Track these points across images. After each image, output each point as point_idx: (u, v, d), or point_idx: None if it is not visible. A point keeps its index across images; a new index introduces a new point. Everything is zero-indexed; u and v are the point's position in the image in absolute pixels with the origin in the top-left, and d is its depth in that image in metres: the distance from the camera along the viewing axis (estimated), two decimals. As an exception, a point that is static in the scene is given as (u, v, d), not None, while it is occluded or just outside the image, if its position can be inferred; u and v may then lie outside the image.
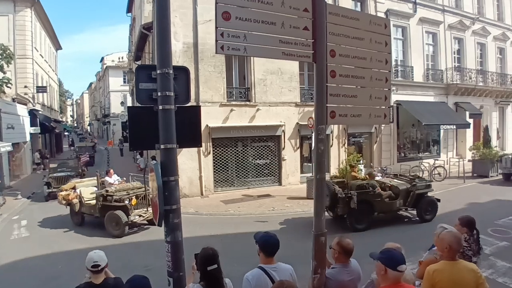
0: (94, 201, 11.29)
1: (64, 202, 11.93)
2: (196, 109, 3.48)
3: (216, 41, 2.95)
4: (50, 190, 15.89)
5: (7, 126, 19.24)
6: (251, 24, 3.10)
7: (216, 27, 2.95)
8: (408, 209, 11.30)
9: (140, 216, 10.70)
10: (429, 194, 11.43)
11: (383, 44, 4.02)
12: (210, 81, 15.75)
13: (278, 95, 17.15)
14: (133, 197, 10.76)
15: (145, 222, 10.95)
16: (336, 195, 10.25)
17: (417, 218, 11.14)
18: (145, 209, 10.86)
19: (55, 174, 16.88)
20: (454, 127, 20.98)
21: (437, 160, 20.28)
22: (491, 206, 12.65)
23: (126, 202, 10.51)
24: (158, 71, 2.93)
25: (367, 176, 12.10)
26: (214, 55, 15.56)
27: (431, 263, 3.86)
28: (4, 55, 19.62)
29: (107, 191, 11.15)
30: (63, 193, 12.22)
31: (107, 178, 13.08)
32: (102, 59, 60.70)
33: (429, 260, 4.13)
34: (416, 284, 4.10)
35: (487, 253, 7.87)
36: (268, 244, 3.38)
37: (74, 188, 12.44)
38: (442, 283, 3.25)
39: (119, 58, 53.23)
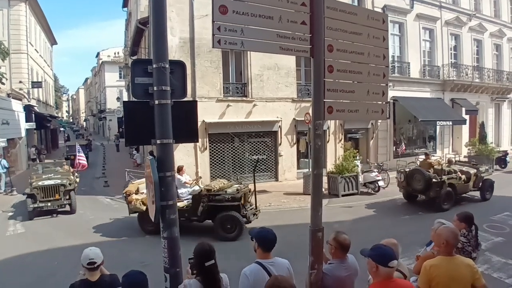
0: (183, 203, 10.00)
1: (144, 207, 9.77)
2: (193, 104, 3.45)
3: (213, 35, 2.92)
4: (36, 205, 12.07)
5: (2, 121, 19.13)
6: (248, 18, 3.07)
7: (213, 21, 2.92)
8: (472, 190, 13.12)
9: (254, 214, 10.10)
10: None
11: (381, 39, 4.01)
12: (207, 76, 15.70)
13: (274, 90, 17.13)
14: (242, 195, 9.85)
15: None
16: (431, 180, 11.80)
17: (477, 197, 13.24)
18: (253, 207, 10.44)
19: (40, 183, 12.44)
20: (450, 123, 21.10)
21: (433, 156, 20.31)
22: (487, 202, 12.74)
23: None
24: (154, 65, 2.89)
25: (440, 162, 13.44)
26: (210, 50, 15.51)
27: (428, 259, 3.87)
28: (0, 50, 19.46)
29: (209, 190, 9.82)
30: (139, 196, 10.16)
31: (178, 177, 10.77)
32: (98, 54, 60.39)
33: (426, 256, 4.14)
34: (412, 280, 4.11)
35: (483, 249, 7.89)
36: (266, 240, 3.37)
37: (138, 190, 10.64)
38: (439, 278, 3.26)
39: (115, 53, 52.99)
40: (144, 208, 9.71)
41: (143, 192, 10.17)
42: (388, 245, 3.25)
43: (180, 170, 11.05)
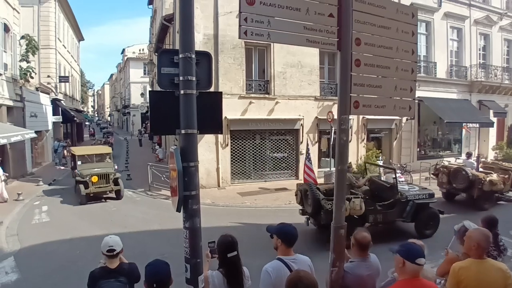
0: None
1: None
2: (218, 95, 3.43)
3: (240, 26, 2.91)
4: None
5: (30, 114, 19.66)
6: (275, 9, 3.05)
7: (240, 12, 2.90)
8: None
9: None
10: None
11: (410, 33, 3.92)
12: (230, 73, 15.72)
13: (297, 88, 17.01)
14: None
15: None
16: None
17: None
18: None
19: None
20: (477, 125, 20.49)
21: (458, 159, 19.82)
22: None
23: None
24: (181, 55, 2.89)
25: None
26: (234, 47, 15.53)
27: (452, 261, 3.76)
28: (30, 45, 20.02)
29: None
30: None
31: (470, 161, 13.64)
32: (123, 50, 61.44)
33: (450, 258, 4.03)
34: (437, 282, 4.00)
35: (508, 255, 7.65)
36: (289, 235, 3.31)
37: None
38: (468, 281, 3.14)
39: (139, 50, 53.76)
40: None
41: None
42: None
43: (470, 155, 13.91)
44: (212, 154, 15.66)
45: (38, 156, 22.81)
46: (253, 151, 16.76)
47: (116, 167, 14.42)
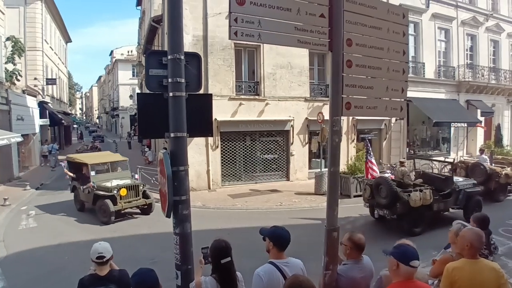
0: None
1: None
2: (208, 97, 3.37)
3: (230, 26, 2.83)
4: None
5: (17, 117, 19.33)
6: (266, 9, 2.99)
7: (230, 12, 2.83)
8: None
9: None
10: None
11: (401, 34, 3.91)
12: (219, 74, 15.64)
13: (287, 89, 17.00)
14: None
15: None
16: None
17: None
18: None
19: None
20: (465, 125, 20.71)
21: (447, 158, 19.97)
22: (503, 206, 12.47)
23: None
24: (169, 57, 2.82)
25: None
26: (223, 49, 15.46)
27: (446, 262, 3.74)
28: (16, 47, 19.70)
29: None
30: None
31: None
32: (112, 52, 60.96)
33: (444, 259, 4.01)
34: (429, 283, 3.98)
35: (499, 253, 7.71)
36: (282, 238, 3.26)
37: None
38: (461, 281, 3.12)
39: (128, 52, 53.43)
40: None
41: None
42: None
43: (483, 151, 15.73)
44: (202, 156, 15.56)
45: (25, 160, 22.47)
46: (243, 152, 16.69)
47: (137, 176, 12.86)
